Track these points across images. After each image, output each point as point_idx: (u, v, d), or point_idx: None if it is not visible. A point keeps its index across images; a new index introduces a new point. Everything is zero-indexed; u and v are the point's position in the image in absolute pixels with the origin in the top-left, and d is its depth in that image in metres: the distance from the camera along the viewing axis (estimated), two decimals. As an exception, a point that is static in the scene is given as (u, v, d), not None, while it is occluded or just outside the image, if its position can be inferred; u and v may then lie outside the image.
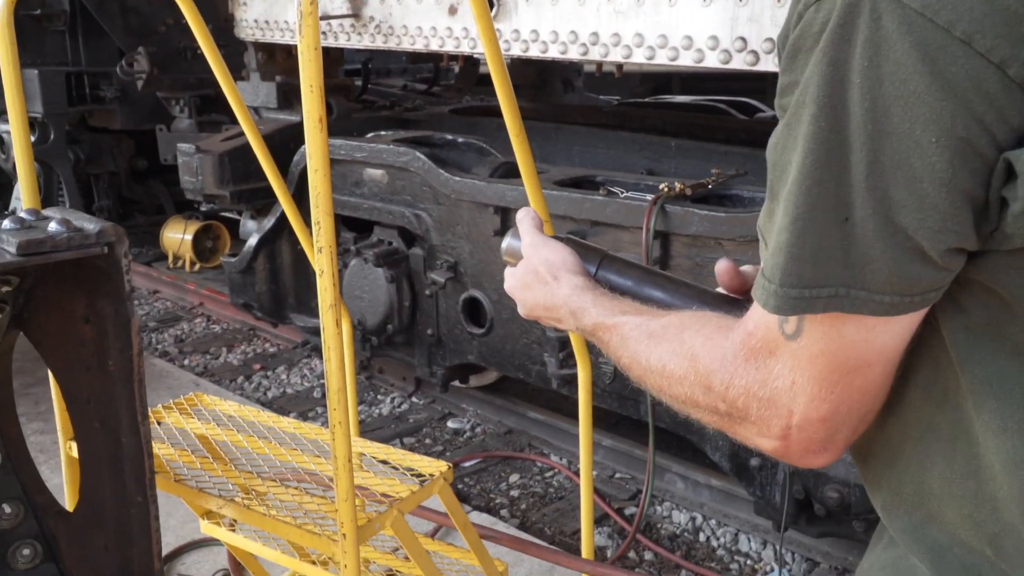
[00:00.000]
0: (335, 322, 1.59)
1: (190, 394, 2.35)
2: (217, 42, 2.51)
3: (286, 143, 4.16)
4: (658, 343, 0.96)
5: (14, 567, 1.56)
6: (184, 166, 4.25)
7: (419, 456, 2.05)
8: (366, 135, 4.23)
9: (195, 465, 2.00)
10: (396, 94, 5.59)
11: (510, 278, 1.22)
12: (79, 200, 6.46)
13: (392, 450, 2.11)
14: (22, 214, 1.47)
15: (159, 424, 2.18)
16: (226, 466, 2.01)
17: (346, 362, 2.26)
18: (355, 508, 1.67)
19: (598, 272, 1.16)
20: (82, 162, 6.58)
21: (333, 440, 1.63)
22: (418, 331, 3.93)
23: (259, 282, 4.45)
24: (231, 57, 3.51)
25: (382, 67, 6.75)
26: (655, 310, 1.03)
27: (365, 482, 1.88)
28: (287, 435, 2.13)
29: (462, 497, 3.61)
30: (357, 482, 1.76)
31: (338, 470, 1.64)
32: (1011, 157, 0.70)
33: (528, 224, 1.23)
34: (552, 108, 5.12)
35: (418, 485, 1.90)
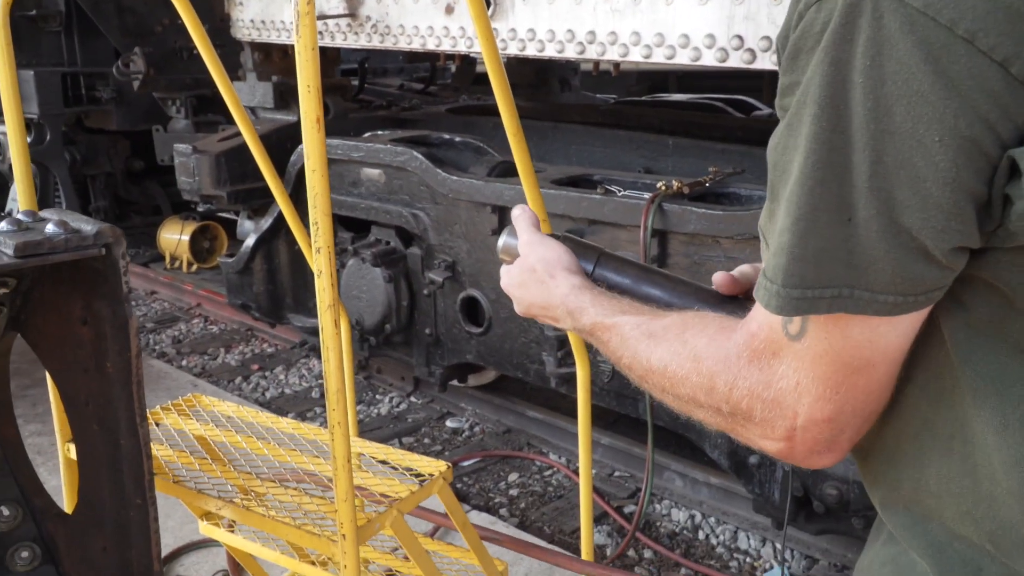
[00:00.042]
0: (334, 323, 1.59)
1: (188, 395, 2.35)
2: (213, 42, 2.51)
3: (283, 143, 4.16)
4: (659, 343, 0.96)
5: (13, 569, 1.56)
6: (181, 167, 4.25)
7: (418, 456, 2.05)
8: (363, 135, 4.23)
9: (194, 466, 2.00)
10: (393, 94, 5.59)
11: (506, 276, 1.22)
12: (75, 201, 6.45)
13: (391, 450, 2.11)
14: (19, 216, 1.47)
15: (157, 425, 2.18)
16: (225, 467, 2.00)
17: (345, 363, 2.25)
18: (355, 508, 1.67)
19: (595, 270, 1.15)
20: (78, 163, 6.57)
21: (332, 440, 1.63)
22: (416, 331, 3.93)
23: (256, 282, 4.44)
24: (227, 57, 3.51)
25: (378, 67, 6.75)
26: (655, 310, 1.03)
27: (364, 482, 1.88)
28: (286, 436, 2.13)
29: (461, 496, 3.61)
30: (356, 482, 1.76)
31: (337, 470, 1.64)
32: (1016, 155, 0.70)
33: (524, 222, 1.22)
34: (549, 107, 5.12)
35: (417, 485, 1.90)
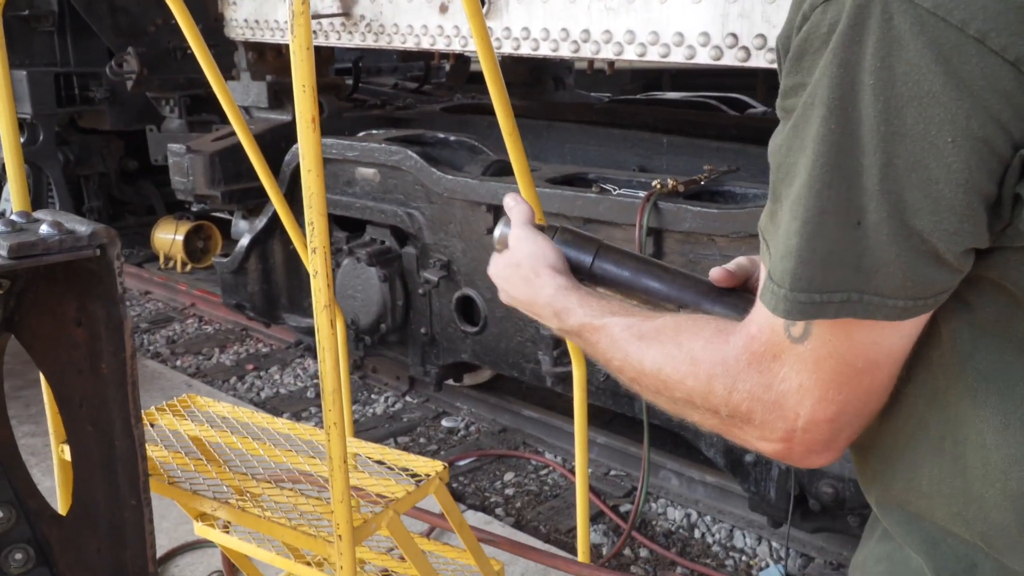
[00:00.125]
0: (330, 323, 1.58)
1: (183, 396, 2.34)
2: (207, 42, 2.50)
3: (277, 142, 4.15)
4: (651, 345, 0.95)
5: (7, 571, 1.55)
6: (175, 166, 4.24)
7: (414, 456, 2.05)
8: (357, 134, 4.22)
9: (189, 467, 1.99)
10: (387, 93, 5.58)
11: (494, 265, 1.20)
12: (69, 202, 6.44)
13: (387, 450, 2.10)
14: (12, 216, 1.46)
15: (152, 426, 2.17)
16: (220, 468, 2.00)
17: (340, 363, 2.24)
18: (351, 509, 1.67)
19: (595, 262, 1.14)
20: (72, 163, 6.56)
21: (328, 441, 1.62)
22: (411, 330, 3.92)
23: (251, 282, 4.43)
24: (221, 57, 3.49)
25: (372, 66, 6.74)
26: (645, 311, 1.02)
27: (360, 483, 1.87)
28: (281, 436, 2.13)
29: (457, 496, 3.61)
30: (352, 483, 1.75)
31: (333, 471, 1.64)
32: None
33: (518, 214, 1.20)
34: (543, 106, 5.11)
35: (413, 485, 1.90)
